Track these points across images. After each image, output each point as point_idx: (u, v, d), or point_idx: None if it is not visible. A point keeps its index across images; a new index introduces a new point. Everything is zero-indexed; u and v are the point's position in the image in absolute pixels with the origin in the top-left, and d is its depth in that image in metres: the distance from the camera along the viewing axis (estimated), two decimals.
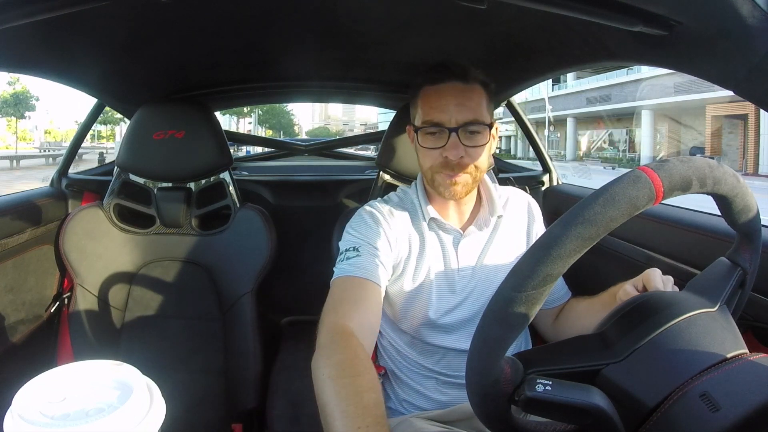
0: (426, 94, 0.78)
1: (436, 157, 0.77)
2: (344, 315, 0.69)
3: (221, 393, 1.07)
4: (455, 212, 0.84)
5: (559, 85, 25.34)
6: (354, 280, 0.74)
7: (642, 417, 0.38)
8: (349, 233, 0.81)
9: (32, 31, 0.71)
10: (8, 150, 25.11)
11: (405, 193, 0.88)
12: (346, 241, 0.80)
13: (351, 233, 0.80)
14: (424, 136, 0.78)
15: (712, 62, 0.54)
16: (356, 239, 0.79)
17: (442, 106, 0.76)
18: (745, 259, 0.47)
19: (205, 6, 0.76)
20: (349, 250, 0.78)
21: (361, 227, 0.80)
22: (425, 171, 0.80)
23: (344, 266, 0.76)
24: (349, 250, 0.77)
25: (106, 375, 0.45)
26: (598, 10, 0.54)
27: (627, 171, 0.39)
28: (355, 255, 0.76)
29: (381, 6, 0.79)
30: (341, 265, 0.76)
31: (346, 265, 0.76)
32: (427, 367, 0.81)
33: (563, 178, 1.45)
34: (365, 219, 0.81)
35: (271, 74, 1.30)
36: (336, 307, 0.71)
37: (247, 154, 3.70)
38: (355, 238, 0.79)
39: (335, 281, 0.75)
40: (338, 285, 0.74)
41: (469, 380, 0.40)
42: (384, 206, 0.84)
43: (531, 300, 0.37)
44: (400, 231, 0.82)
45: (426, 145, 0.78)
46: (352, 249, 0.77)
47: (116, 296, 1.10)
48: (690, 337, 0.41)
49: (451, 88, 0.76)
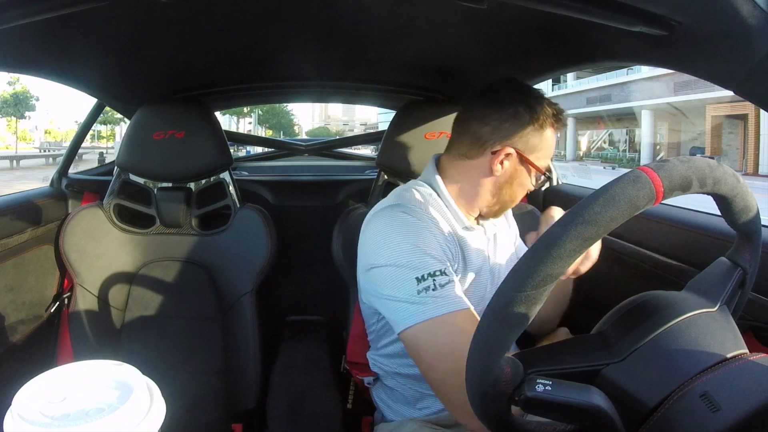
0: (551, 137, 0.77)
1: (524, 193, 0.80)
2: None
3: (221, 393, 1.07)
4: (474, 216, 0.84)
5: (559, 85, 25.33)
6: (464, 314, 0.64)
7: (642, 417, 0.38)
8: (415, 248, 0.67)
9: (32, 31, 0.71)
10: (8, 150, 25.12)
11: (428, 195, 0.79)
12: (416, 261, 0.67)
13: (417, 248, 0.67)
14: (531, 174, 0.77)
15: (712, 62, 0.54)
16: (430, 258, 0.67)
17: (552, 153, 0.79)
18: (745, 259, 0.47)
19: (205, 6, 0.76)
20: (435, 274, 0.65)
21: (423, 239, 0.69)
22: (512, 204, 0.81)
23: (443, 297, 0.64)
24: (437, 275, 0.65)
25: (106, 375, 0.45)
26: (598, 10, 0.54)
27: (627, 171, 0.39)
28: (447, 281, 0.66)
29: (381, 6, 0.79)
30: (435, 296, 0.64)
31: (446, 294, 0.65)
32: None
33: (563, 178, 1.45)
34: (419, 229, 0.70)
35: (271, 74, 1.30)
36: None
37: (247, 154, 3.70)
38: (427, 257, 0.67)
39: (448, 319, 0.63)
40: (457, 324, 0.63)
41: (469, 380, 0.40)
42: (422, 211, 0.74)
43: (531, 300, 0.37)
44: (446, 239, 0.74)
45: (530, 184, 0.78)
46: (439, 273, 0.66)
47: (116, 296, 1.10)
48: (690, 337, 0.41)
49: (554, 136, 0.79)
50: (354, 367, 0.93)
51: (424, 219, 0.72)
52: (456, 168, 0.80)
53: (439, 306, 0.64)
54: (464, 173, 0.79)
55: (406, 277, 0.66)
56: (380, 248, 0.70)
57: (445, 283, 0.65)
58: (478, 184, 0.78)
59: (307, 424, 0.98)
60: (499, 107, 0.75)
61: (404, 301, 0.65)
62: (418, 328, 0.64)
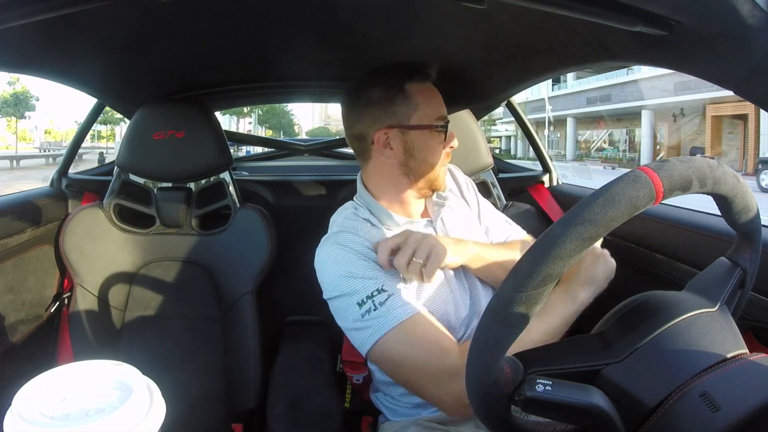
0: (420, 91, 0.77)
1: (441, 153, 0.78)
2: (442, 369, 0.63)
3: (221, 393, 1.07)
4: (417, 208, 0.84)
5: (559, 85, 25.32)
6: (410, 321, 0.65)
7: (642, 417, 0.38)
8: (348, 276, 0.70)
9: (32, 31, 0.71)
10: (8, 150, 25.11)
11: (353, 213, 0.82)
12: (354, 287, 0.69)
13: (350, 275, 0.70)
14: (434, 133, 0.77)
15: (712, 62, 0.54)
16: (365, 280, 0.69)
17: (440, 101, 0.78)
18: (745, 259, 0.47)
19: (205, 6, 0.76)
20: (373, 295, 0.67)
21: (353, 265, 0.71)
22: (432, 169, 0.78)
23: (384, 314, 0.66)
24: (374, 295, 0.67)
25: (106, 375, 0.45)
26: (598, 10, 0.54)
27: (627, 171, 0.39)
28: (387, 297, 0.67)
29: (381, 6, 0.79)
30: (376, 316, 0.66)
31: (388, 310, 0.66)
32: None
33: (563, 178, 1.45)
34: (348, 256, 0.72)
35: (271, 74, 1.30)
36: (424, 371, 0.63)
37: (247, 154, 3.70)
38: (362, 281, 0.69)
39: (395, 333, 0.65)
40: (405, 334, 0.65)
41: (469, 380, 0.40)
42: (351, 234, 0.76)
43: (531, 300, 0.37)
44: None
45: (436, 142, 0.77)
46: (377, 292, 0.67)
47: (116, 296, 1.10)
48: (690, 337, 0.41)
49: (431, 86, 0.79)
50: (348, 365, 0.93)
51: (353, 242, 0.73)
52: (369, 175, 0.83)
53: (383, 325, 0.66)
54: (374, 175, 0.82)
55: (348, 305, 0.69)
56: (324, 282, 0.74)
57: (384, 300, 0.67)
58: (388, 176, 0.80)
59: (307, 424, 0.98)
60: (356, 101, 0.78)
61: (355, 329, 0.69)
62: (374, 350, 0.67)
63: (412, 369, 0.65)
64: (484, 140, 1.22)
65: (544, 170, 1.43)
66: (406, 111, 0.76)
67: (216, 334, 1.09)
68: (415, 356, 0.64)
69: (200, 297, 1.10)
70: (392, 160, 0.78)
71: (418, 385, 0.65)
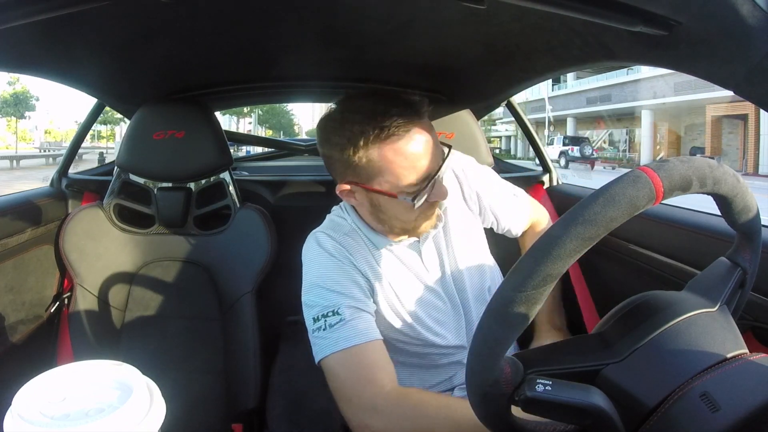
0: (389, 151, 0.63)
1: (416, 213, 0.68)
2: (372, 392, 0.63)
3: (221, 393, 1.07)
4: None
5: (559, 85, 25.33)
6: (352, 351, 0.65)
7: (642, 417, 0.38)
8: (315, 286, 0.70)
9: (32, 31, 0.71)
10: (8, 150, 25.13)
11: (342, 223, 0.78)
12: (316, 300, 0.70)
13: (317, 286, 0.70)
14: (394, 200, 0.66)
15: (712, 62, 0.54)
16: (331, 293, 0.69)
17: (416, 159, 0.64)
18: (745, 259, 0.47)
19: (205, 6, 0.76)
20: (327, 315, 0.67)
21: (324, 277, 0.70)
22: (409, 224, 0.70)
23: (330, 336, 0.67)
24: (329, 315, 0.67)
25: (106, 375, 0.45)
26: (598, 10, 0.54)
27: (627, 171, 0.39)
28: (338, 320, 0.67)
29: (381, 6, 0.79)
30: (324, 336, 0.67)
31: (333, 335, 0.66)
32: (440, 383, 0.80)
33: (563, 178, 1.45)
34: (325, 263, 0.72)
35: (271, 74, 1.30)
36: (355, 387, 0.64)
37: (247, 154, 3.70)
38: (328, 294, 0.69)
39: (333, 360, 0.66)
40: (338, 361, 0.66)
41: (469, 380, 0.40)
42: (337, 243, 0.74)
43: (531, 300, 0.37)
44: (360, 266, 0.74)
45: (405, 208, 0.67)
46: (331, 313, 0.67)
47: (116, 296, 1.10)
48: (690, 337, 0.41)
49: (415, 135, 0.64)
50: None
51: (333, 249, 0.73)
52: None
53: (328, 345, 0.67)
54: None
55: (308, 314, 0.71)
56: (303, 278, 0.74)
57: (335, 323, 0.67)
58: (362, 212, 0.75)
59: (307, 424, 0.98)
60: (323, 138, 0.69)
61: (311, 336, 0.70)
62: (321, 364, 0.68)
63: (342, 394, 0.65)
64: (484, 140, 1.22)
65: (544, 170, 1.43)
66: (368, 174, 0.66)
67: (216, 334, 1.09)
68: (349, 385, 0.65)
69: (200, 297, 1.10)
70: (361, 207, 0.73)
71: (344, 409, 0.65)
